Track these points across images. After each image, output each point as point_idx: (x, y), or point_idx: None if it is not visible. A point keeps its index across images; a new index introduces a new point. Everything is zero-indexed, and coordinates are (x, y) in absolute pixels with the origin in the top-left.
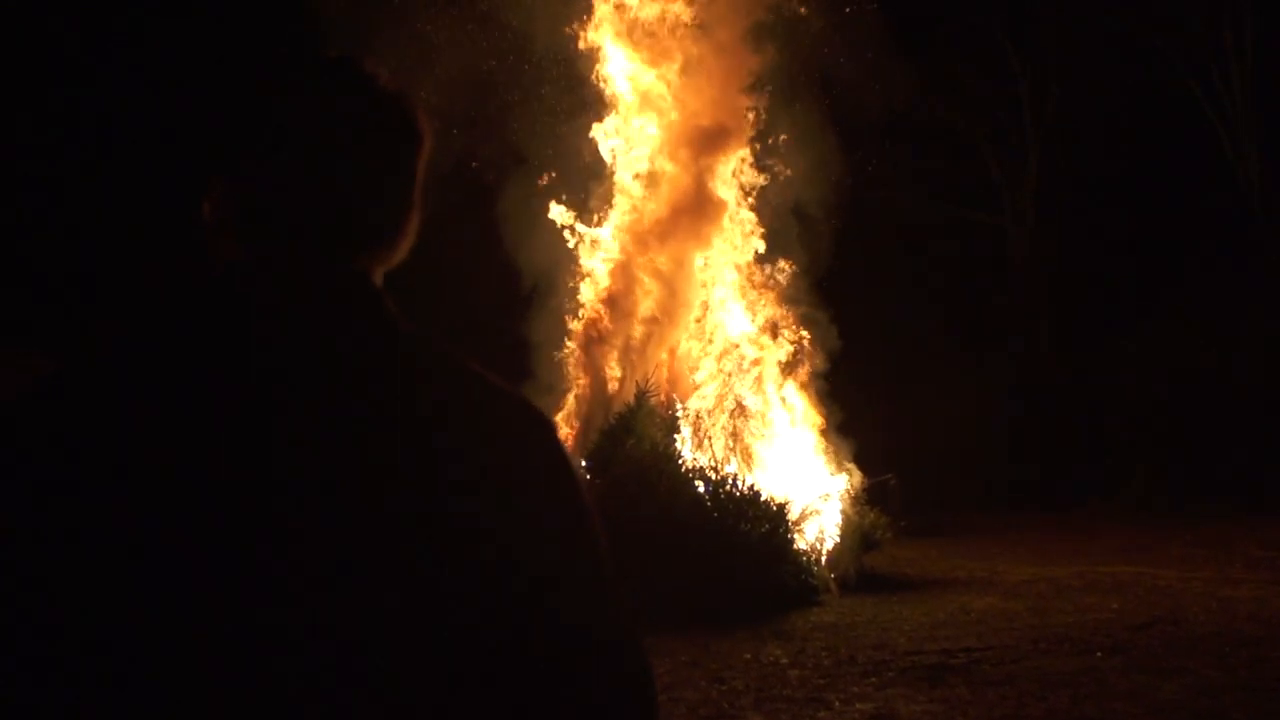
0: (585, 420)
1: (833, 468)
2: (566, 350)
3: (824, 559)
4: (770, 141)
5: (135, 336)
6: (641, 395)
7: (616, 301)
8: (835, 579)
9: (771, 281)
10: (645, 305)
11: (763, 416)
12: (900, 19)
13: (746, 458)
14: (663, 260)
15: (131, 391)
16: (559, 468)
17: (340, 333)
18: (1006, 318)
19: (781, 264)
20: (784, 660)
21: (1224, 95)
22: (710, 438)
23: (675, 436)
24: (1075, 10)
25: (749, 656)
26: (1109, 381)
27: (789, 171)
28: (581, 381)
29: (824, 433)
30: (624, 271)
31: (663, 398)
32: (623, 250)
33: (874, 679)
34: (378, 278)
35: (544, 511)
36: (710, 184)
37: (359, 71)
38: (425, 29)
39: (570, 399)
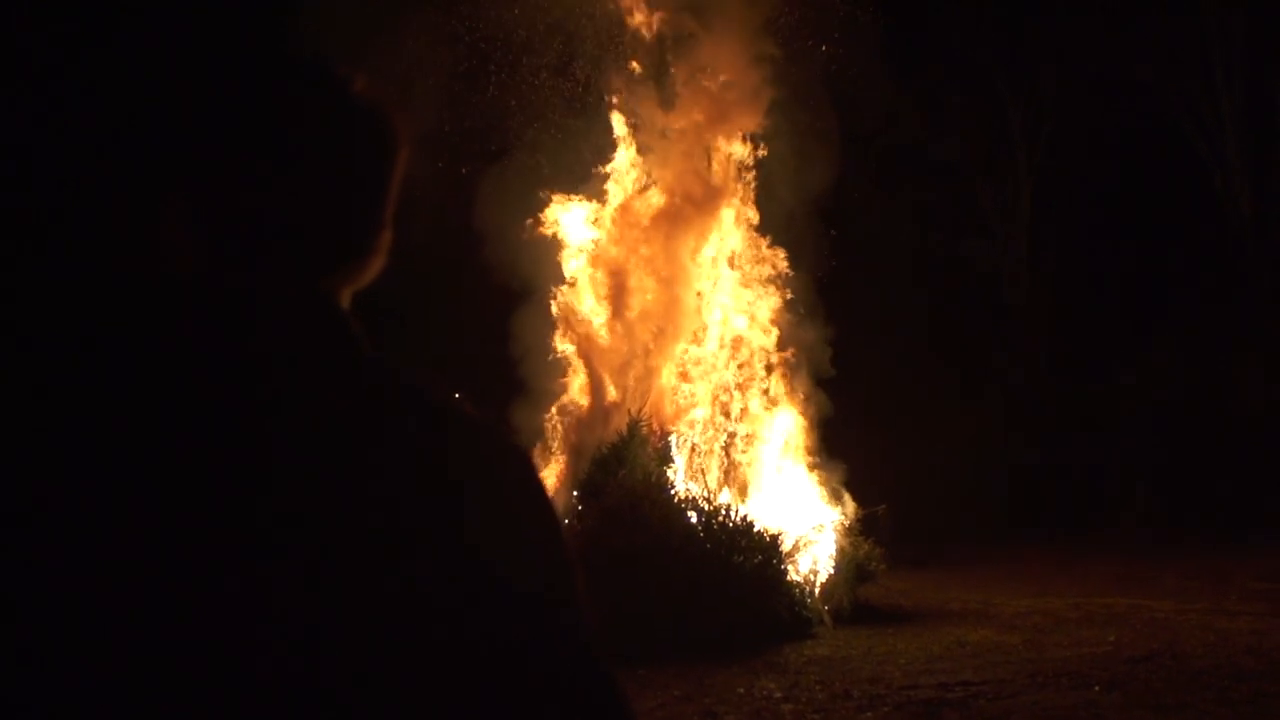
0: (576, 449)
1: (827, 498)
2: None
3: (818, 590)
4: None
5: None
6: (634, 424)
7: (609, 327)
8: (829, 611)
9: (765, 310)
10: (639, 332)
11: (756, 447)
12: (894, 51)
13: (740, 488)
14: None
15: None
16: (532, 498)
17: (299, 358)
18: (1001, 348)
19: (775, 292)
20: (777, 694)
21: (1214, 129)
22: (703, 468)
23: (668, 466)
24: (1067, 45)
25: (742, 690)
26: (1104, 412)
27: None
28: (572, 411)
29: (818, 463)
30: (616, 297)
31: (655, 427)
32: (614, 276)
33: (869, 714)
34: (345, 298)
35: (515, 544)
36: (700, 212)
37: (331, 75)
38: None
39: (560, 427)
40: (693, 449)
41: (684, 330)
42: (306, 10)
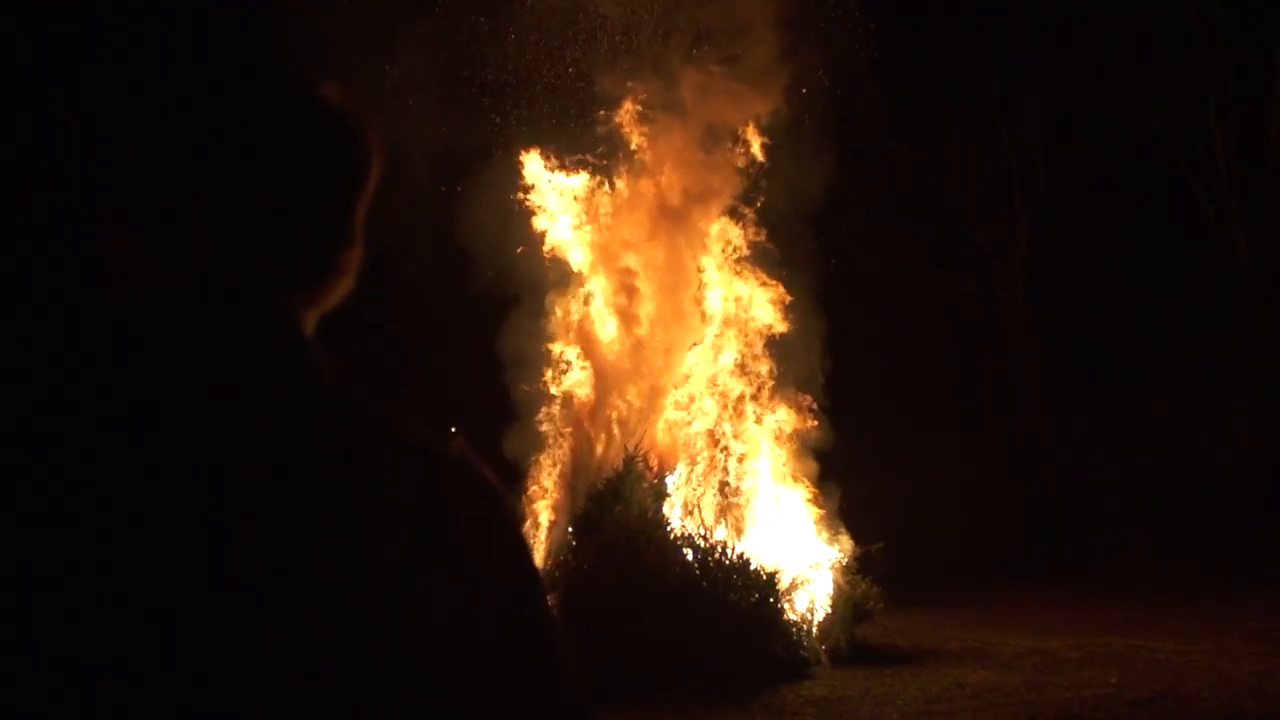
0: (571, 484)
1: (824, 536)
2: (549, 414)
3: (815, 630)
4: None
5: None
6: (630, 460)
7: (604, 366)
8: (826, 650)
9: (763, 345)
10: (635, 367)
11: (753, 483)
12: (890, 90)
13: (736, 525)
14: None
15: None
16: (500, 539)
17: (253, 385)
18: (998, 386)
19: (773, 329)
20: None
21: (1209, 171)
22: (699, 505)
23: (664, 502)
24: (1062, 84)
25: None
26: (1101, 452)
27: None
28: (565, 447)
29: (815, 501)
30: (613, 332)
31: (652, 462)
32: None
33: None
34: (308, 321)
35: (483, 588)
36: (694, 247)
37: (297, 83)
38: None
39: (552, 462)
40: (689, 485)
41: (680, 367)
42: (299, 24)
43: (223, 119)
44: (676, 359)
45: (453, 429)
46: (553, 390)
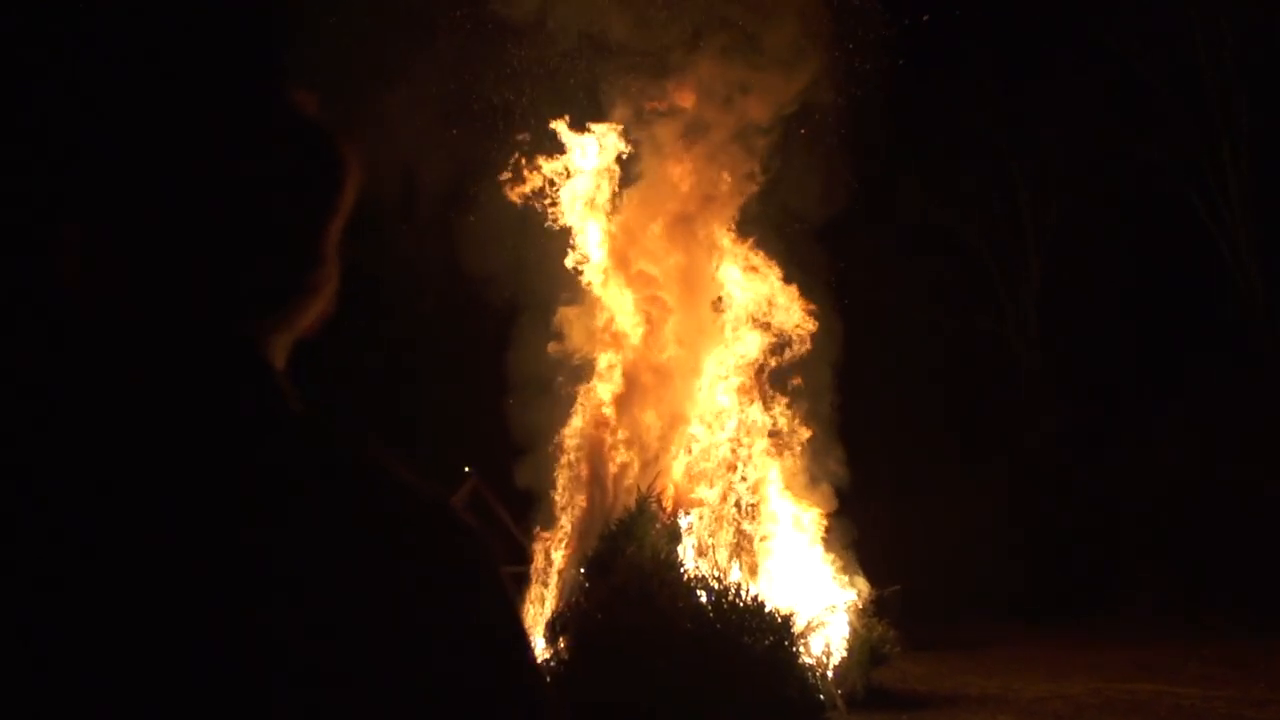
0: (584, 526)
1: (839, 578)
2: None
3: (830, 674)
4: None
5: None
6: (643, 501)
7: (619, 403)
8: (842, 695)
9: (776, 386)
10: (646, 411)
11: (767, 525)
12: (902, 127)
13: (750, 566)
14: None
15: None
16: (479, 587)
17: (202, 412)
18: (1012, 425)
19: (787, 367)
20: None
21: (1222, 204)
22: (713, 546)
23: (677, 544)
24: (1074, 122)
25: None
26: (1117, 490)
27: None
28: (580, 485)
29: (829, 542)
30: (625, 377)
31: (665, 503)
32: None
33: None
34: (277, 346)
35: (452, 642)
36: (706, 284)
37: (267, 91)
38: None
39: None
40: (703, 526)
41: (694, 408)
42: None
43: (181, 121)
44: (691, 398)
45: (467, 468)
46: (567, 427)
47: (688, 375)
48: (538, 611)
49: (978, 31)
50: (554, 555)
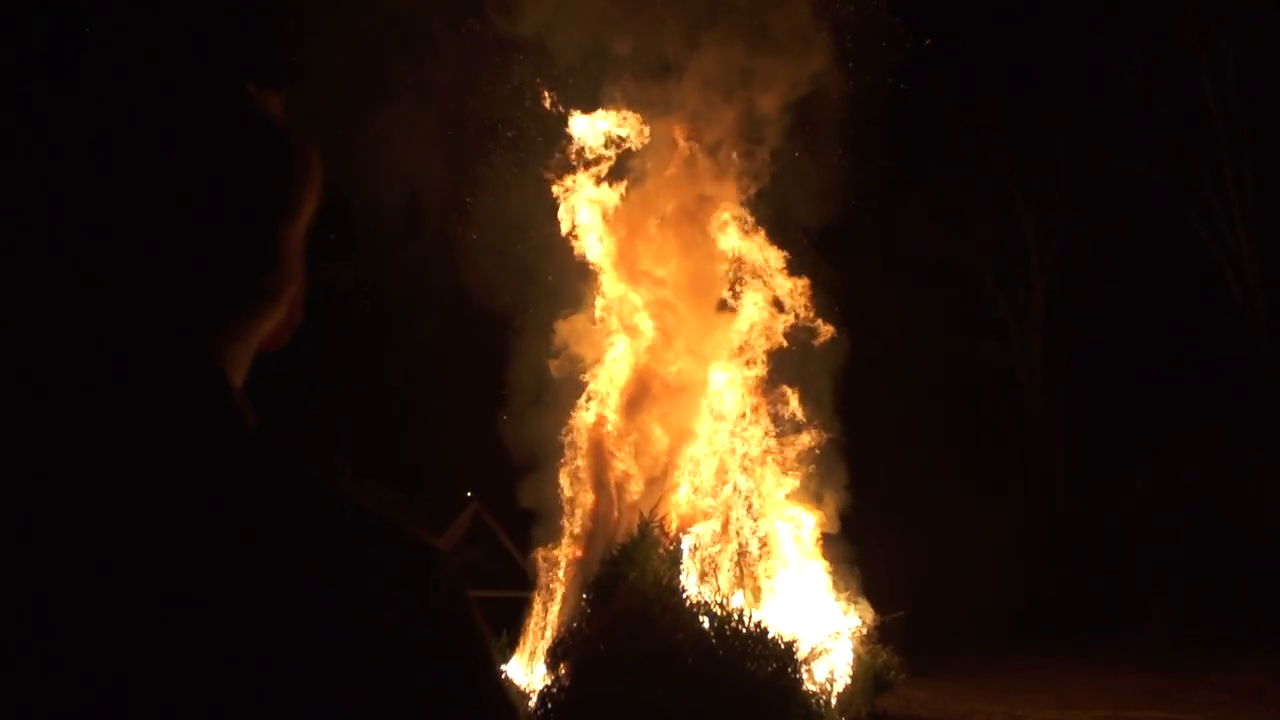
0: (586, 549)
1: (843, 604)
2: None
3: (834, 700)
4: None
5: None
6: (645, 525)
7: (620, 426)
8: None
9: (780, 412)
10: (649, 433)
11: (770, 550)
12: (905, 155)
13: (754, 592)
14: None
15: None
16: (444, 619)
17: (152, 430)
18: (1019, 451)
19: (790, 394)
20: None
21: (1226, 230)
22: (716, 571)
23: (679, 569)
24: (1077, 148)
25: None
26: (1124, 516)
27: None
28: (584, 508)
29: (834, 568)
30: (627, 399)
31: (667, 528)
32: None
33: None
34: (232, 356)
35: (420, 678)
36: (716, 309)
37: (221, 84)
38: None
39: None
40: (705, 551)
41: (698, 431)
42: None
43: (133, 119)
44: (694, 421)
45: (469, 493)
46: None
47: (691, 398)
48: (539, 637)
49: (981, 57)
50: (555, 580)
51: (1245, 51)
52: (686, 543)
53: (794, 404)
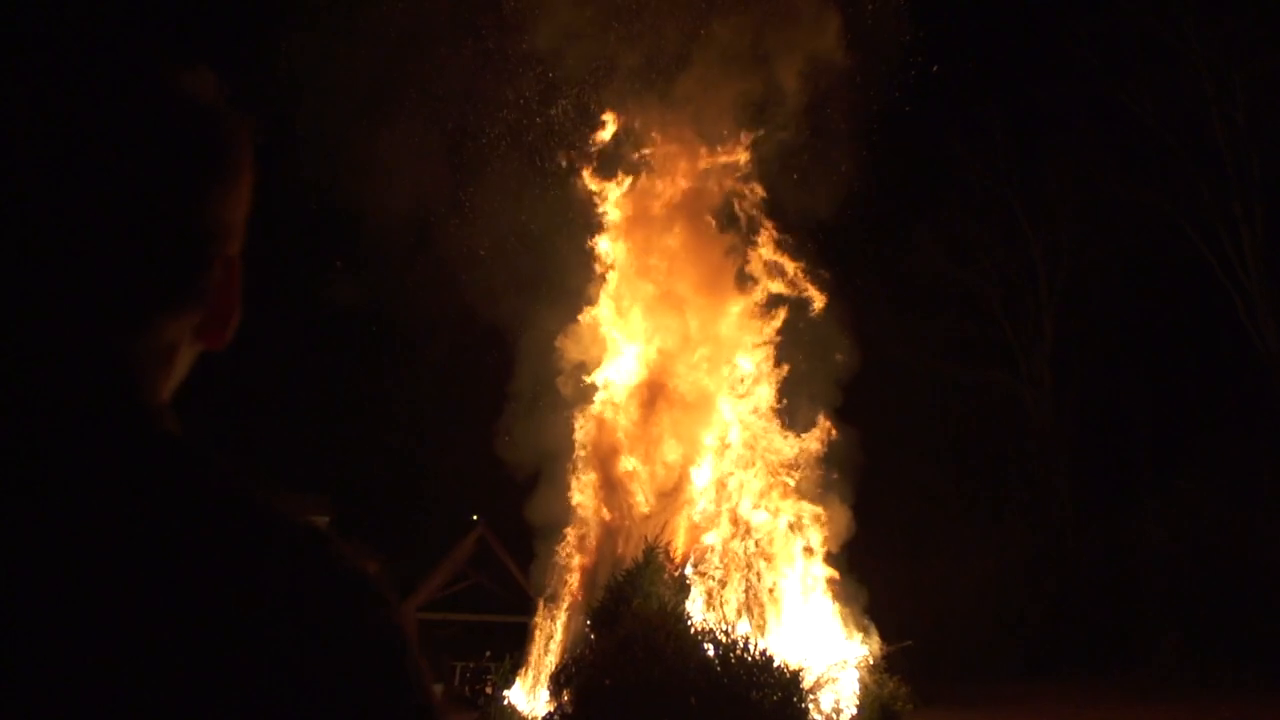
0: (592, 574)
1: (850, 632)
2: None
3: None
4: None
5: None
6: (650, 551)
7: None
8: None
9: (788, 439)
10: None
11: (777, 577)
12: (914, 184)
13: (760, 619)
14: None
15: None
16: (384, 656)
17: (56, 439)
18: (1026, 480)
19: (799, 421)
20: None
21: (1235, 259)
22: (722, 598)
23: (685, 595)
24: (1085, 176)
25: None
26: (1131, 546)
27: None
28: (588, 533)
29: (840, 595)
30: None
31: (673, 554)
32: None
33: None
34: (157, 358)
35: (334, 670)
36: (724, 340)
37: (137, 61)
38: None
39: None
40: (711, 577)
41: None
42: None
43: (42, 101)
44: (700, 450)
45: (475, 516)
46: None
47: (702, 413)
48: (542, 663)
49: (991, 87)
50: (560, 605)
51: (1253, 82)
52: (691, 569)
53: (802, 433)
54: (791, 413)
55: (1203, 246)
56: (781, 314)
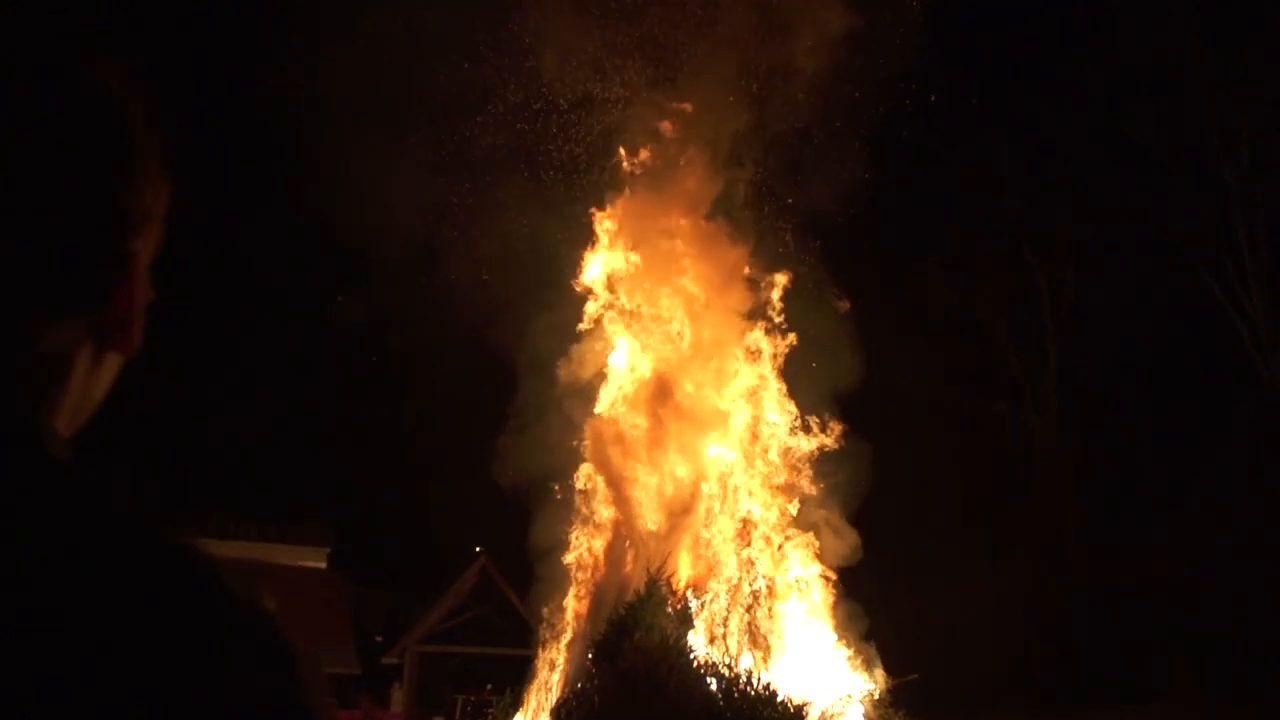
0: (595, 606)
1: (855, 665)
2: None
3: None
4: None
5: None
6: (653, 584)
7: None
8: None
9: (793, 472)
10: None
11: (780, 609)
12: (919, 215)
13: (763, 653)
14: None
15: None
16: (241, 641)
17: None
18: (1032, 510)
19: (803, 453)
20: None
21: (1239, 288)
22: (725, 631)
23: (687, 628)
24: (1090, 206)
25: None
26: (1139, 578)
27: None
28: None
29: (844, 628)
30: (641, 453)
31: (676, 587)
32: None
33: None
34: (40, 369)
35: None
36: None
37: (36, 49)
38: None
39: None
40: (714, 610)
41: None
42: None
43: None
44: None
45: (477, 549)
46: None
47: (710, 431)
48: (544, 697)
49: (996, 118)
50: (561, 638)
51: (1257, 111)
52: (695, 601)
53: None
54: (798, 437)
55: (1208, 276)
56: (787, 341)
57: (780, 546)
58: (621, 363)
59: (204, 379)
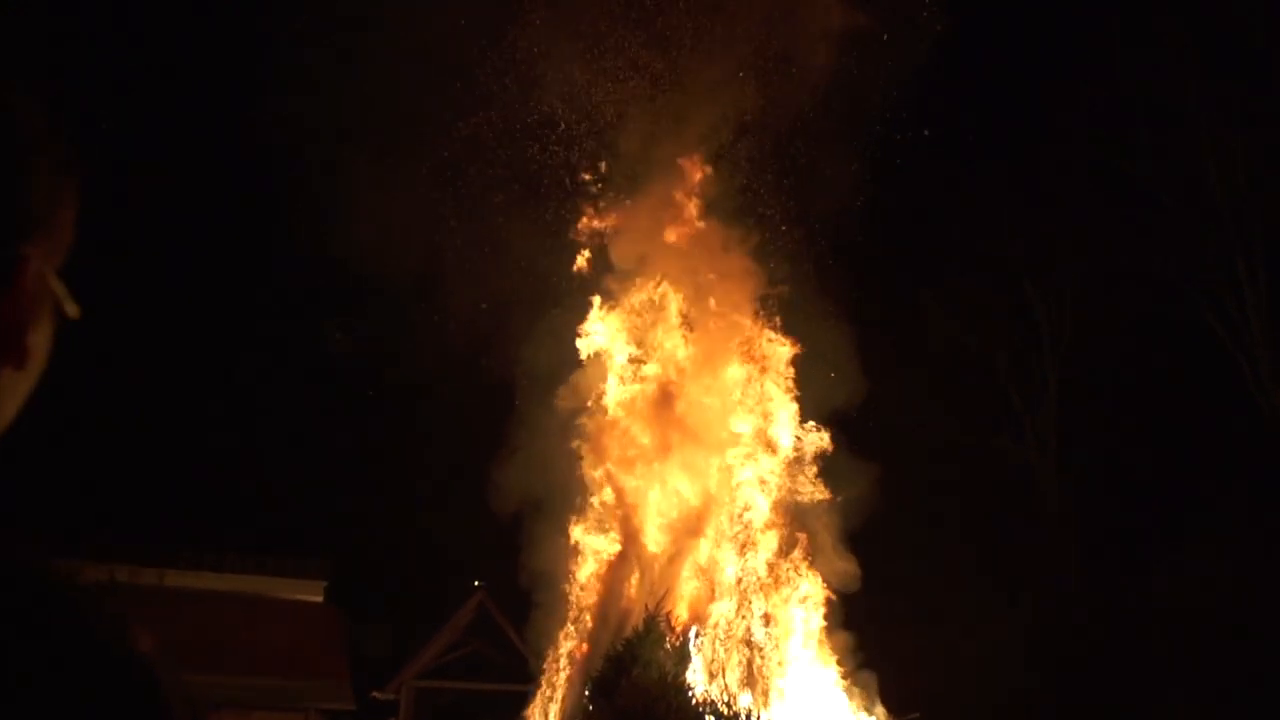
0: (593, 642)
1: (855, 704)
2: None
3: None
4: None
5: None
6: (651, 620)
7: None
8: None
9: (793, 507)
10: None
11: (781, 647)
12: (918, 249)
13: (763, 691)
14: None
15: None
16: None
17: None
18: (1033, 546)
19: (804, 487)
20: None
21: (1239, 322)
22: (724, 668)
23: (686, 665)
24: (1089, 240)
25: None
26: (1141, 614)
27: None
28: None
29: (845, 668)
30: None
31: (674, 623)
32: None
33: None
34: None
35: None
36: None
37: None
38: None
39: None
40: (713, 647)
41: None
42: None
43: None
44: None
45: (476, 583)
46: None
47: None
48: None
49: (992, 152)
50: (559, 675)
51: (1253, 142)
52: (694, 639)
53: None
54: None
55: (1208, 310)
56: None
57: (780, 581)
58: (618, 385)
59: (199, 410)
